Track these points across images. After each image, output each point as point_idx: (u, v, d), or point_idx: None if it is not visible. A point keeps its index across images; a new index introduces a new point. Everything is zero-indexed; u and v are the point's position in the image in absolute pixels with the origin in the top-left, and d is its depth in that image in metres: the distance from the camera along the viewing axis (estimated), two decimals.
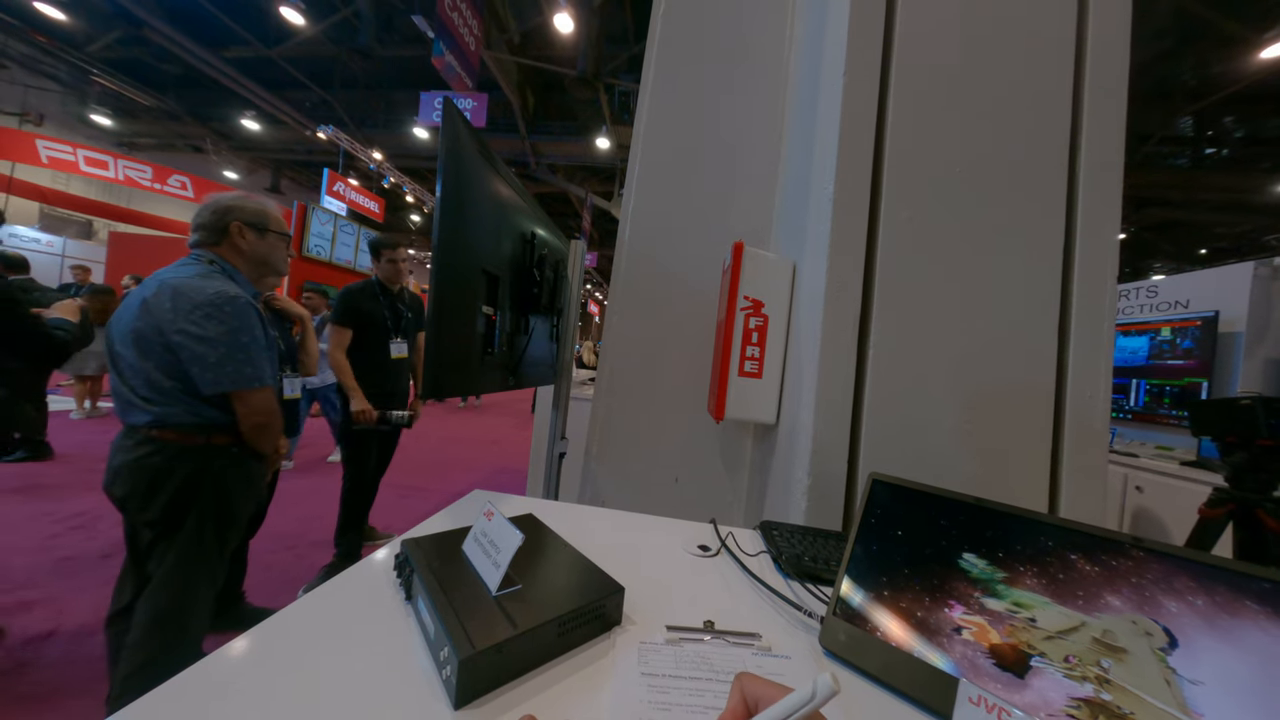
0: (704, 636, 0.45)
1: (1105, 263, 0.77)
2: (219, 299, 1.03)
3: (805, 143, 0.93)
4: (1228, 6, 4.57)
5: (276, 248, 1.24)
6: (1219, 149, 6.70)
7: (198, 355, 1.01)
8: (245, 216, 1.17)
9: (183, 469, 1.06)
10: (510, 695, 0.35)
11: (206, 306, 1.01)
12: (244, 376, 1.06)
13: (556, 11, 5.66)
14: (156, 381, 1.02)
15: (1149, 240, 9.52)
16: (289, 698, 0.33)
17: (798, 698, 0.21)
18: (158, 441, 1.04)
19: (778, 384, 0.91)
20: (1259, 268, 2.39)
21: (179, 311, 1.00)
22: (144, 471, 1.04)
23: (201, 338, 1.01)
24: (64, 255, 9.56)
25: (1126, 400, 2.86)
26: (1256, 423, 1.45)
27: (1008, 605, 0.41)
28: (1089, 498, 0.74)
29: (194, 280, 1.04)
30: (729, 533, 0.68)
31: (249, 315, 1.08)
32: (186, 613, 1.09)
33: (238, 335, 1.05)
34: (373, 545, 2.34)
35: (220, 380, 1.04)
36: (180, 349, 1.01)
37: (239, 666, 0.36)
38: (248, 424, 1.11)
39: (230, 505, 1.14)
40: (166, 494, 1.05)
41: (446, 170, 0.73)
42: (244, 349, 1.06)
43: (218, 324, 1.02)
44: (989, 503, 0.47)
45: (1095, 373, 0.76)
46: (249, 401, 1.09)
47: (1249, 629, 0.33)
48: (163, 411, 1.03)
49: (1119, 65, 0.79)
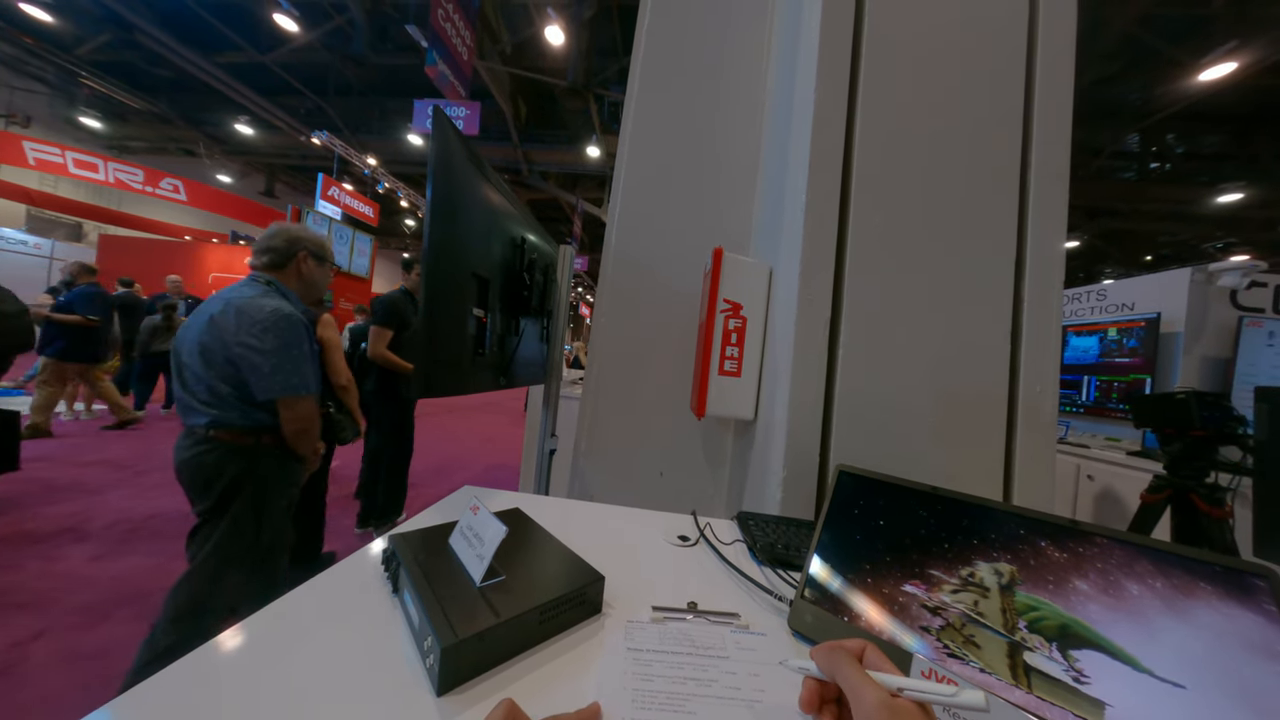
0: (687, 616, 0.46)
1: (1053, 268, 0.80)
2: (276, 316, 1.12)
3: (781, 154, 0.95)
4: (1170, 34, 4.77)
5: (327, 275, 1.38)
6: (1162, 164, 6.99)
7: (255, 365, 1.10)
8: (310, 247, 1.30)
9: (233, 466, 1.13)
10: (492, 682, 0.35)
11: (265, 322, 1.11)
12: (291, 385, 1.14)
13: (548, 24, 5.64)
14: (216, 389, 1.11)
15: (1100, 248, 9.87)
16: (276, 689, 0.32)
17: (946, 689, 0.25)
18: (213, 440, 1.12)
19: (755, 382, 0.93)
20: (1195, 274, 2.50)
21: (241, 327, 1.09)
22: (200, 467, 1.12)
23: (259, 350, 1.10)
24: (52, 257, 9.17)
25: (1079, 395, 2.96)
26: (1190, 415, 1.52)
27: (959, 583, 0.43)
28: (1039, 484, 0.77)
29: (255, 300, 1.14)
30: (707, 523, 0.69)
31: (300, 331, 1.16)
32: (207, 607, 1.13)
33: (290, 349, 1.13)
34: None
35: (272, 388, 1.12)
36: (240, 360, 1.10)
37: (229, 657, 0.35)
38: (290, 428, 1.17)
39: (270, 501, 1.20)
40: (218, 487, 1.12)
41: (436, 177, 0.72)
42: (294, 360, 1.14)
43: (274, 338, 1.11)
44: (944, 491, 0.49)
45: (1044, 369, 0.79)
46: (294, 407, 1.16)
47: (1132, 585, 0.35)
48: (219, 415, 1.12)
49: (1065, 85, 0.82)
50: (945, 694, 0.26)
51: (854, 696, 0.26)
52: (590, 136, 7.75)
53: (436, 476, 3.74)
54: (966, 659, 0.39)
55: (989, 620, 0.40)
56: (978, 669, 0.38)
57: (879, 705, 0.25)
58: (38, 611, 1.63)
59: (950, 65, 0.82)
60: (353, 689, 0.33)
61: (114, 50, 7.42)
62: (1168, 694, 0.32)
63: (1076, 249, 10.03)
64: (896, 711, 0.25)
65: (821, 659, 0.30)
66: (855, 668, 0.28)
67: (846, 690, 0.27)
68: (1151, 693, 0.32)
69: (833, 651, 0.29)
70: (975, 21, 0.83)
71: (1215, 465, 1.55)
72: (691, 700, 0.35)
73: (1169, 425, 1.60)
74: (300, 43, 6.99)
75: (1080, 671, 0.35)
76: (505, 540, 0.41)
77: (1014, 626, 0.39)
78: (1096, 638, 0.36)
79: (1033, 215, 0.81)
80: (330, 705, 0.31)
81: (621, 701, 0.34)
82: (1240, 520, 1.53)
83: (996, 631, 0.39)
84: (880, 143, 0.81)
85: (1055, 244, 0.81)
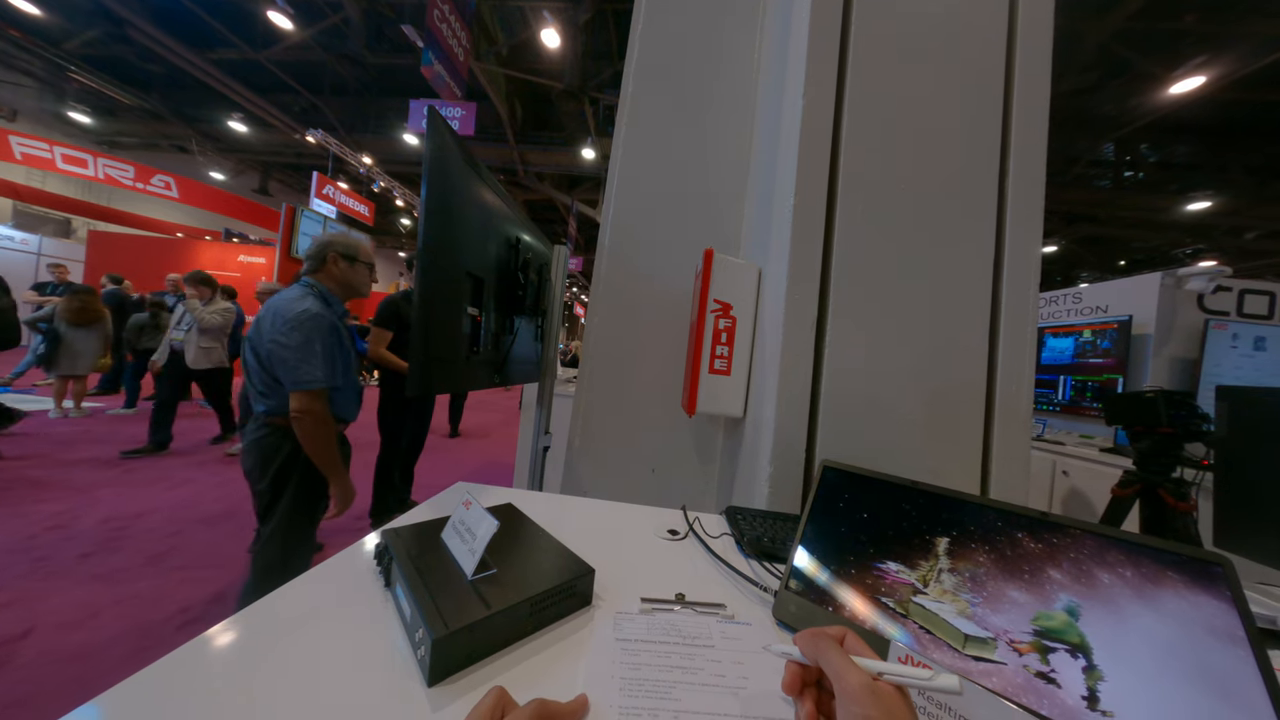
0: (674, 607, 0.46)
1: (1030, 270, 0.82)
2: (302, 315, 1.22)
3: (770, 157, 0.96)
4: (1144, 47, 4.88)
5: (360, 273, 1.43)
6: (1136, 172, 7.15)
7: (281, 359, 1.20)
8: (339, 249, 1.37)
9: (286, 446, 1.25)
10: (482, 672, 0.35)
11: (292, 321, 1.20)
12: (301, 378, 1.20)
13: (544, 27, 5.60)
14: (267, 380, 1.23)
15: (1077, 252, 10.08)
16: (269, 680, 0.32)
17: (922, 673, 0.26)
18: (270, 425, 1.26)
19: (745, 380, 0.93)
20: (1165, 278, 2.57)
21: (274, 326, 1.21)
22: (259, 449, 1.26)
23: (285, 345, 1.19)
24: (40, 254, 8.91)
25: (1055, 394, 3.02)
26: (1159, 413, 1.56)
27: (930, 571, 0.43)
28: (1015, 478, 0.78)
29: (291, 302, 1.24)
30: (696, 518, 0.70)
31: (320, 329, 1.24)
32: (288, 564, 1.27)
33: (310, 344, 1.21)
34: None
35: (288, 378, 1.20)
36: (271, 355, 1.20)
37: (223, 650, 0.35)
38: (293, 415, 1.22)
39: (317, 480, 1.30)
40: (273, 467, 1.25)
41: (432, 176, 0.71)
42: (312, 355, 1.21)
43: (298, 335, 1.20)
44: (924, 485, 0.50)
45: (1020, 368, 0.80)
46: (300, 398, 1.22)
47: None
48: (273, 403, 1.24)
49: (1041, 95, 0.84)
50: (922, 677, 0.26)
51: (837, 680, 0.27)
52: (585, 138, 7.71)
53: (430, 474, 3.70)
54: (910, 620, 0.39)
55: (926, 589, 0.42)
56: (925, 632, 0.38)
57: (861, 688, 0.26)
58: (25, 608, 1.59)
59: (933, 74, 0.84)
60: (345, 680, 0.33)
61: (104, 45, 7.22)
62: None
63: (1055, 254, 10.23)
64: (877, 694, 0.25)
65: (805, 644, 0.30)
66: (839, 652, 0.28)
67: (830, 674, 0.28)
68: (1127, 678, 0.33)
69: (816, 637, 0.30)
70: (956, 34, 0.84)
71: (1181, 461, 1.60)
72: (678, 688, 0.35)
73: (1139, 423, 1.65)
74: (295, 40, 6.85)
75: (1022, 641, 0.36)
76: (497, 534, 0.41)
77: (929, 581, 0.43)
78: (1067, 625, 0.37)
79: (1011, 220, 0.82)
80: (322, 696, 0.31)
81: (609, 690, 0.34)
82: (1204, 513, 1.57)
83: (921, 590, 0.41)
84: (865, 148, 0.82)
85: (1032, 248, 0.82)
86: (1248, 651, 0.31)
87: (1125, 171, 7.16)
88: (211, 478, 3.04)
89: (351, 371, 1.39)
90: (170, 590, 1.80)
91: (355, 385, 1.44)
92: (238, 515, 2.48)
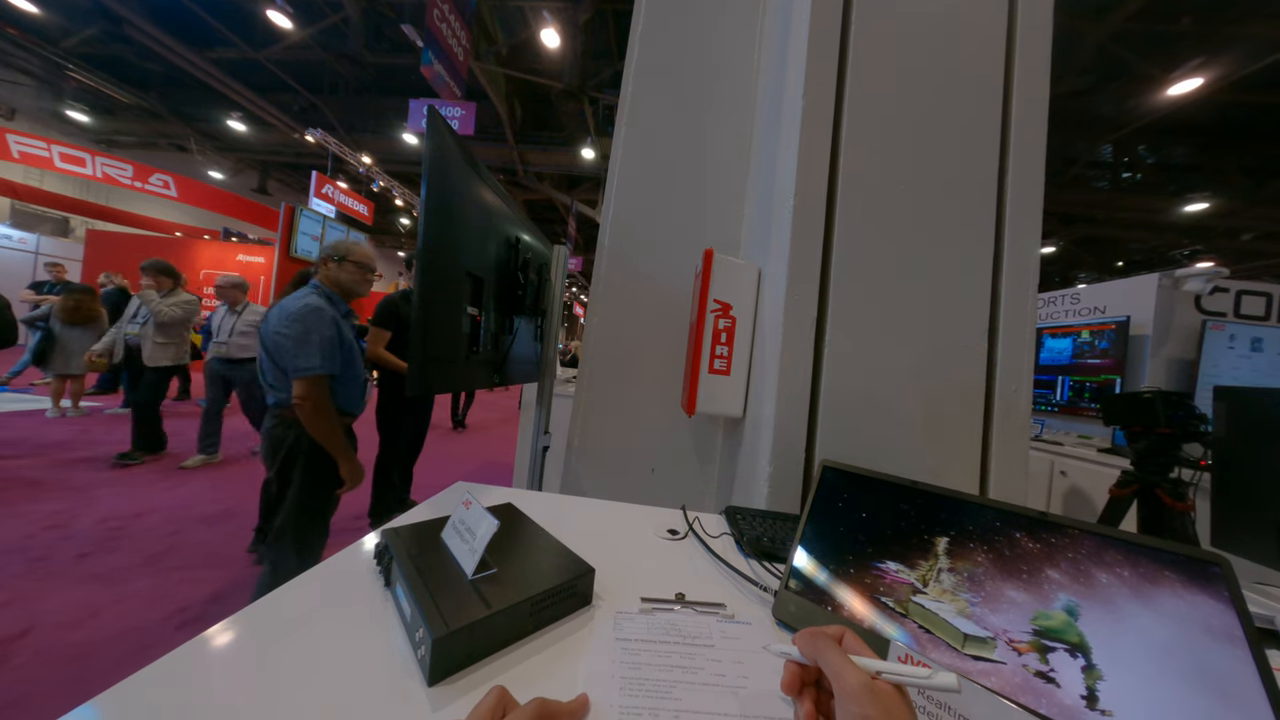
0: (674, 606, 0.46)
1: (1028, 271, 0.82)
2: (303, 309, 1.30)
3: (770, 158, 0.96)
4: (1141, 49, 4.90)
5: (348, 272, 1.50)
6: (1133, 174, 7.17)
7: (284, 349, 1.27)
8: (329, 251, 1.48)
9: (290, 435, 1.33)
10: (483, 672, 0.35)
11: (293, 314, 1.29)
12: (299, 365, 1.27)
13: (543, 27, 5.60)
14: (276, 372, 1.31)
15: (1075, 253, 10.10)
16: (269, 679, 0.32)
17: (921, 672, 0.26)
18: (278, 416, 1.35)
19: (744, 380, 0.93)
20: (1162, 279, 2.58)
21: (278, 319, 1.29)
22: (269, 439, 1.36)
23: (285, 335, 1.27)
24: (38, 252, 8.88)
25: (1053, 395, 3.03)
26: (1156, 414, 1.57)
27: (930, 571, 0.43)
28: (1013, 478, 0.79)
29: (294, 299, 1.33)
30: (696, 517, 0.70)
31: (320, 321, 1.30)
32: (300, 555, 1.34)
33: (309, 335, 1.28)
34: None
35: (289, 366, 1.27)
36: (275, 346, 1.29)
37: (224, 649, 0.35)
38: (295, 401, 1.28)
39: (323, 468, 1.36)
40: (282, 454, 1.34)
41: (431, 177, 0.71)
42: (310, 345, 1.28)
43: (298, 326, 1.28)
44: (924, 485, 0.50)
45: (1020, 368, 0.80)
46: (299, 384, 1.28)
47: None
48: (283, 395, 1.31)
49: (1040, 96, 0.84)
50: (920, 676, 0.26)
51: (836, 679, 0.27)
52: (585, 138, 7.71)
53: (429, 474, 3.70)
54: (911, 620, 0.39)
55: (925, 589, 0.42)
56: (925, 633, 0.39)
57: (860, 687, 0.26)
58: (23, 608, 1.58)
59: (932, 75, 0.84)
60: (345, 679, 0.33)
61: (103, 43, 7.19)
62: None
63: (1054, 254, 10.24)
64: (876, 693, 0.25)
65: (804, 644, 0.30)
66: (838, 652, 0.28)
67: (829, 673, 0.28)
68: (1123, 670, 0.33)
69: (815, 636, 0.30)
70: (956, 34, 0.84)
71: (1179, 461, 1.60)
72: (678, 687, 0.35)
73: (1136, 423, 1.65)
74: (295, 40, 6.84)
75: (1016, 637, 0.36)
76: (497, 534, 0.41)
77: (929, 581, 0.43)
78: (1066, 624, 0.37)
79: (1010, 220, 0.82)
80: (322, 695, 0.31)
81: (610, 689, 0.34)
82: (1201, 513, 1.58)
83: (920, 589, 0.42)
84: (865, 148, 0.82)
85: (1031, 248, 0.82)
86: (1246, 651, 0.31)
87: (1123, 172, 7.18)
88: (210, 478, 3.04)
89: (355, 366, 1.44)
90: (169, 590, 1.79)
91: (360, 379, 1.48)
92: (236, 515, 2.47)
